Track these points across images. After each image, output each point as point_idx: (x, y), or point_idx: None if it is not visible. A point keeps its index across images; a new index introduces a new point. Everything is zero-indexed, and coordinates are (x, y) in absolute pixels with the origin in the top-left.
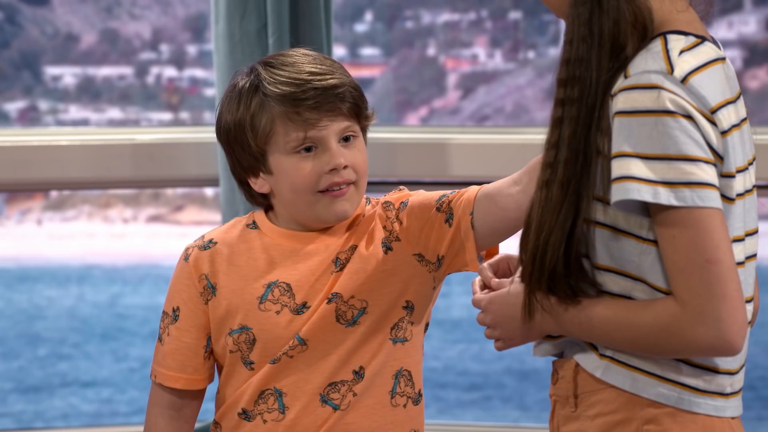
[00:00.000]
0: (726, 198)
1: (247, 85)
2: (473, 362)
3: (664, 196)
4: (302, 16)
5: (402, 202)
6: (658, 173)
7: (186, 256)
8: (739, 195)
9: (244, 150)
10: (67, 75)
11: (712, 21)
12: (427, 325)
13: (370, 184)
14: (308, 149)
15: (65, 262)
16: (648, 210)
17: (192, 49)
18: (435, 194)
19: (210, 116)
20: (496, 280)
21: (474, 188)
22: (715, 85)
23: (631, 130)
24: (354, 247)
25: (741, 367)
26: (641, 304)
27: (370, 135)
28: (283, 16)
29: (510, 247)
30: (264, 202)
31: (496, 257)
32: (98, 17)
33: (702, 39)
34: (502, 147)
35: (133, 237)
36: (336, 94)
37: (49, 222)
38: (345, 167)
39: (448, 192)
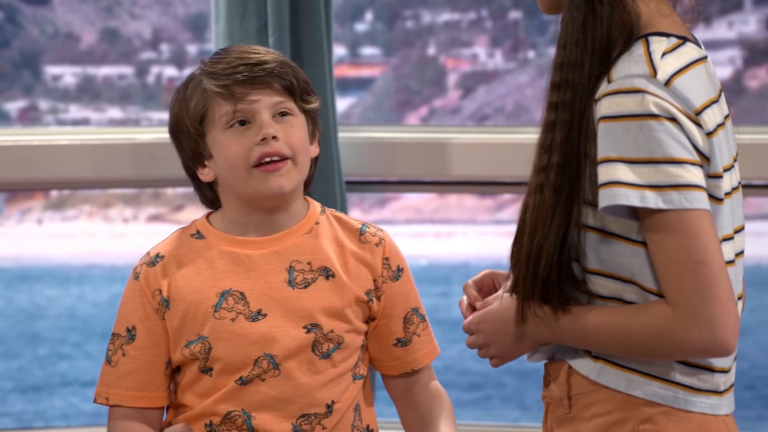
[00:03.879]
0: (714, 198)
1: (188, 77)
2: (473, 362)
3: (652, 200)
4: (302, 15)
5: (397, 269)
6: (644, 177)
7: (136, 275)
8: (727, 194)
9: (185, 137)
10: (68, 74)
11: (712, 21)
12: None
13: (370, 183)
14: (242, 123)
15: (65, 262)
16: (636, 213)
17: (192, 49)
18: (401, 326)
19: None
20: (481, 302)
21: (426, 364)
22: (699, 86)
23: (617, 134)
24: (326, 270)
25: (732, 363)
26: (633, 309)
27: (369, 135)
28: (283, 16)
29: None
30: (214, 199)
31: (481, 274)
32: (98, 17)
33: (684, 39)
34: (502, 146)
35: (134, 236)
36: (265, 69)
37: (49, 221)
38: (275, 138)
39: (409, 338)
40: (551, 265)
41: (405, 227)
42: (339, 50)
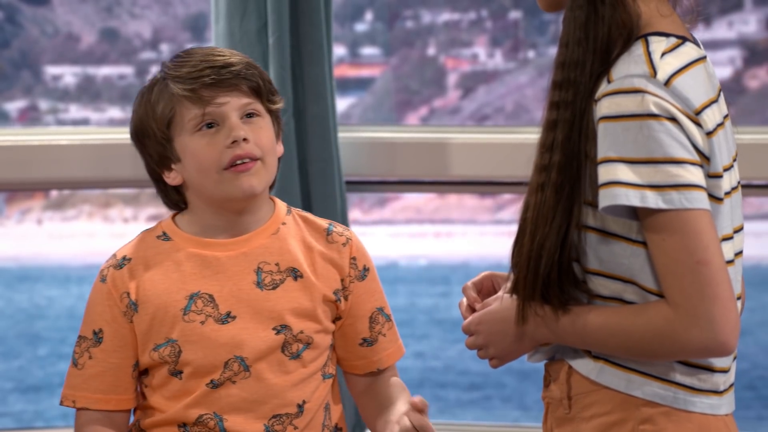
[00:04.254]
0: (714, 198)
1: (151, 81)
2: (473, 362)
3: (652, 200)
4: (302, 15)
5: (363, 268)
6: (644, 177)
7: (102, 278)
8: (727, 194)
9: (151, 142)
10: (68, 74)
11: (712, 21)
12: None
13: (370, 183)
14: (210, 125)
15: (65, 262)
16: (636, 214)
17: None
18: (366, 326)
19: None
20: (480, 303)
21: (391, 364)
22: (699, 86)
23: (617, 134)
24: (294, 271)
25: (732, 362)
26: (633, 309)
27: (369, 135)
28: (283, 16)
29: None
30: (180, 201)
31: (480, 275)
32: (98, 17)
33: (683, 39)
34: (502, 146)
35: (134, 236)
36: (232, 71)
37: (49, 221)
38: (245, 140)
39: (375, 337)
40: (552, 265)
41: (405, 227)
42: (339, 50)
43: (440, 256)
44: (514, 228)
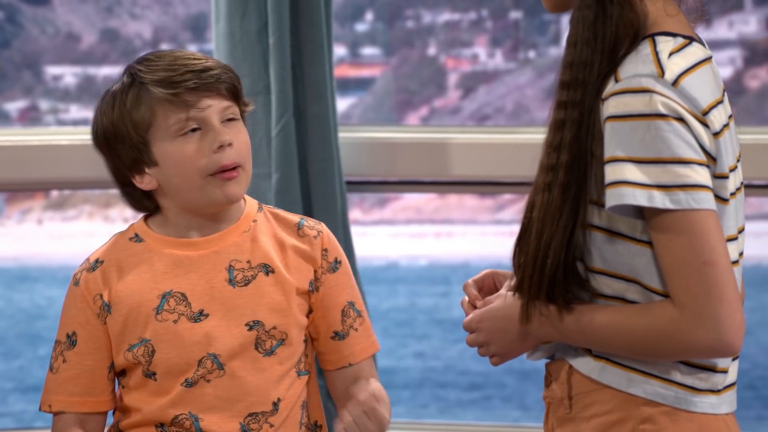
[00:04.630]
0: (720, 199)
1: (122, 84)
2: (474, 362)
3: (659, 200)
4: (302, 15)
5: (335, 261)
6: (652, 177)
7: (76, 281)
8: (732, 194)
9: (125, 146)
10: (68, 75)
11: (712, 21)
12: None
13: (370, 183)
14: (194, 130)
15: (66, 262)
16: (642, 213)
17: (192, 49)
18: (338, 319)
19: None
20: (482, 300)
21: (364, 358)
22: (705, 86)
23: (624, 134)
24: (265, 267)
25: (731, 362)
26: (638, 308)
27: (370, 135)
28: (284, 16)
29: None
30: (150, 205)
31: (481, 273)
32: (99, 17)
33: (690, 39)
34: (502, 147)
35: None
36: (212, 75)
37: (49, 221)
38: (230, 144)
39: (346, 331)
40: (558, 264)
41: (405, 227)
42: (339, 50)
43: (440, 256)
44: (514, 228)
